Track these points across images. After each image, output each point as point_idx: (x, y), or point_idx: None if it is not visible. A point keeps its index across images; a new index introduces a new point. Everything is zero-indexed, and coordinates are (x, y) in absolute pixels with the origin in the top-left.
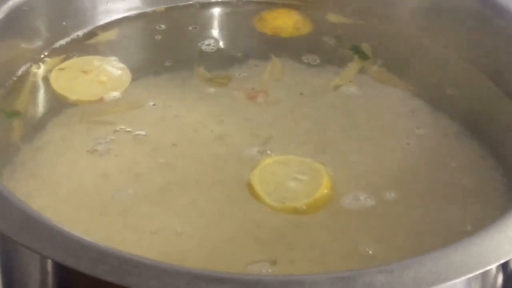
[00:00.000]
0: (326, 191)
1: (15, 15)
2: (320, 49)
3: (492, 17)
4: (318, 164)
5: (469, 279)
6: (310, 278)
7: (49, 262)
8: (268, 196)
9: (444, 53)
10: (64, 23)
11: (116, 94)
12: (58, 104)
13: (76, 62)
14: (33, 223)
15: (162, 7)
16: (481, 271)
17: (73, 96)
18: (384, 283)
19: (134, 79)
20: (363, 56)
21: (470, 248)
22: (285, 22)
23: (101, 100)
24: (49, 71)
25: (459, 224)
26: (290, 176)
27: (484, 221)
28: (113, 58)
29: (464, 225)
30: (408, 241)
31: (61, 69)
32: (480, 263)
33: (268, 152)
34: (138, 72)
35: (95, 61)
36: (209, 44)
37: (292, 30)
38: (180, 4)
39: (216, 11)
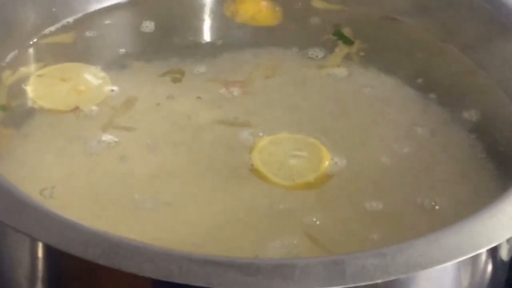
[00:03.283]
0: (327, 162)
1: (4, 0)
2: (302, 36)
3: (480, 2)
4: (311, 138)
5: (459, 264)
6: (302, 261)
7: (40, 245)
8: (276, 177)
9: (431, 38)
10: (54, 9)
11: (93, 104)
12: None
13: (56, 69)
14: (23, 206)
15: None
16: (473, 254)
17: (47, 105)
18: (377, 266)
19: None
20: (347, 41)
21: (462, 232)
22: (246, 8)
23: (76, 109)
24: (28, 75)
25: (450, 209)
26: (288, 154)
27: (475, 206)
28: (95, 66)
29: (456, 210)
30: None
31: (40, 75)
32: (472, 246)
33: (260, 134)
34: (111, 68)
35: (75, 68)
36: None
37: (247, 18)
38: None
39: None
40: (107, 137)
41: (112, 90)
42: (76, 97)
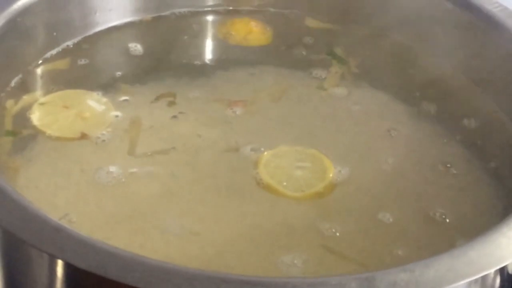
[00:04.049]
0: (333, 171)
1: (9, 26)
2: (296, 55)
3: (471, 20)
4: (311, 149)
5: (469, 282)
6: (335, 279)
7: (75, 270)
8: (286, 189)
9: (422, 54)
10: (54, 33)
11: (101, 130)
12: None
13: (57, 96)
14: (57, 231)
15: (148, 17)
16: (498, 267)
17: (54, 133)
18: (407, 282)
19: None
20: (340, 60)
21: (486, 246)
22: (238, 30)
23: (84, 137)
24: (31, 103)
25: (448, 221)
26: (293, 166)
27: (473, 219)
28: (96, 92)
29: (453, 222)
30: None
31: (42, 103)
32: (496, 260)
33: (262, 149)
34: (109, 92)
35: (77, 95)
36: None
37: (240, 40)
38: (166, 13)
39: (198, 19)
40: (116, 164)
41: (117, 116)
42: (83, 124)
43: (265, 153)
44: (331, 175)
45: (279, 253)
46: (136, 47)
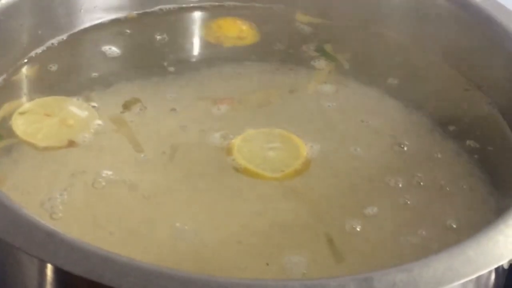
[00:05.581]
0: (305, 147)
1: None
2: (286, 52)
3: (462, 14)
4: (278, 129)
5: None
6: (334, 280)
7: (68, 276)
8: (265, 171)
9: (415, 51)
10: (39, 31)
11: (87, 136)
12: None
13: (37, 104)
14: (51, 237)
15: (133, 13)
16: (495, 266)
17: (41, 143)
18: (406, 282)
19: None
20: (329, 57)
21: (484, 244)
22: (229, 31)
23: (72, 144)
24: (11, 113)
25: (440, 217)
26: (265, 148)
27: (464, 214)
28: (76, 98)
29: (446, 220)
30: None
31: (22, 113)
32: (493, 258)
33: (231, 136)
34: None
35: (57, 102)
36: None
37: (235, 40)
38: (152, 9)
39: (183, 16)
40: (99, 157)
41: (101, 120)
42: (68, 131)
43: (233, 140)
44: (305, 152)
45: (273, 251)
46: (120, 46)
